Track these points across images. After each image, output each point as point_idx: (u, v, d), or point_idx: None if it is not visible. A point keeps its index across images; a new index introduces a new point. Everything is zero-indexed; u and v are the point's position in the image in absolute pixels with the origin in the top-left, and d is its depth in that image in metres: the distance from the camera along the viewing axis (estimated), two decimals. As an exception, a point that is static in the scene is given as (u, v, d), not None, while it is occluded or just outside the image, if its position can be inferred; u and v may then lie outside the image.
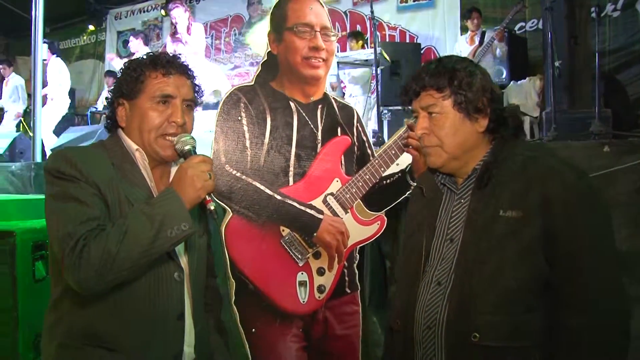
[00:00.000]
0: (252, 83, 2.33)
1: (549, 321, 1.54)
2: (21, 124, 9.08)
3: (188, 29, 6.11)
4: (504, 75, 7.20)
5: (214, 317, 1.98)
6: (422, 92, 1.68)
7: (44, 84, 7.68)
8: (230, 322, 2.18)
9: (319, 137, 2.35)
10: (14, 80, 9.30)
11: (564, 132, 4.35)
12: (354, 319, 2.40)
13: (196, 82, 1.89)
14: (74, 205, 1.58)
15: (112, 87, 1.83)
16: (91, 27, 9.56)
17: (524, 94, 7.08)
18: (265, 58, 2.37)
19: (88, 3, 10.81)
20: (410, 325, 1.68)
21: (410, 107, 1.77)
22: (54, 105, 8.36)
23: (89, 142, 5.90)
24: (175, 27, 6.18)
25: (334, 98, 2.45)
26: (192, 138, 1.75)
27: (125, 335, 1.64)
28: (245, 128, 2.25)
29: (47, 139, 7.63)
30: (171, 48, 6.08)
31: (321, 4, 2.38)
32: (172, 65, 1.78)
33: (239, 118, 2.25)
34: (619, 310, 1.53)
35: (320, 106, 2.39)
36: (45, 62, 8.29)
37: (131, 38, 7.57)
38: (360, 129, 2.47)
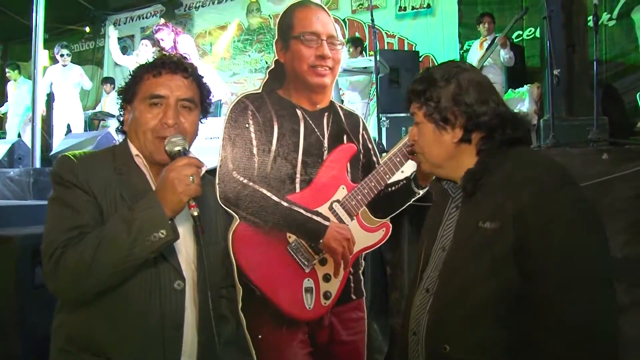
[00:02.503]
0: (260, 91, 2.34)
1: (521, 337, 1.45)
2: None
3: (173, 49, 6.17)
4: (502, 85, 7.23)
5: (229, 330, 1.95)
6: (411, 101, 1.71)
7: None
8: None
9: (325, 145, 2.37)
10: (27, 86, 9.35)
11: (561, 139, 4.38)
12: (360, 325, 2.40)
13: (198, 81, 1.85)
14: (65, 211, 1.60)
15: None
16: (87, 29, 9.61)
17: (522, 102, 7.12)
18: (273, 66, 2.38)
19: (87, 9, 10.86)
20: (405, 329, 1.70)
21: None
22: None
23: (89, 148, 5.91)
24: (161, 48, 6.24)
25: (339, 106, 2.47)
26: (183, 139, 1.71)
27: (120, 344, 1.62)
28: (253, 135, 2.26)
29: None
30: None
31: (327, 12, 2.41)
32: (164, 65, 1.77)
33: (247, 125, 2.26)
34: (595, 331, 1.38)
35: (326, 114, 2.41)
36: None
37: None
38: (365, 136, 2.49)
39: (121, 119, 1.89)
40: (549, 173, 1.52)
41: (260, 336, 2.21)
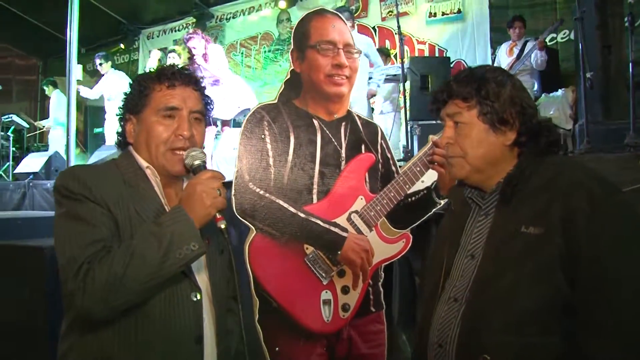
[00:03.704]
0: (276, 101, 2.33)
1: (569, 348, 1.41)
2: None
3: (205, 56, 6.21)
4: (535, 88, 7.07)
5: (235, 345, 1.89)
6: (449, 101, 1.64)
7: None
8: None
9: (343, 155, 2.33)
10: (55, 97, 9.59)
11: (597, 144, 4.24)
12: (379, 338, 2.36)
13: (205, 93, 1.83)
14: (80, 226, 1.53)
15: (122, 103, 1.79)
16: (122, 46, 9.84)
17: (557, 107, 6.95)
18: (289, 76, 2.37)
19: (122, 24, 11.11)
20: (425, 342, 1.63)
21: (438, 119, 1.73)
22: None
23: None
24: (192, 55, 6.29)
25: (357, 115, 2.44)
26: (202, 152, 1.70)
27: None
28: (269, 146, 2.25)
29: None
30: None
31: (344, 21, 2.38)
32: (176, 76, 1.73)
33: (263, 136, 2.24)
34: None
35: (343, 123, 2.38)
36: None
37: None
38: (384, 145, 2.45)
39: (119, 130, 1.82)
40: (595, 178, 1.49)
41: (277, 349, 2.18)
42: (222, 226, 1.62)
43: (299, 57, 2.37)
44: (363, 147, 2.39)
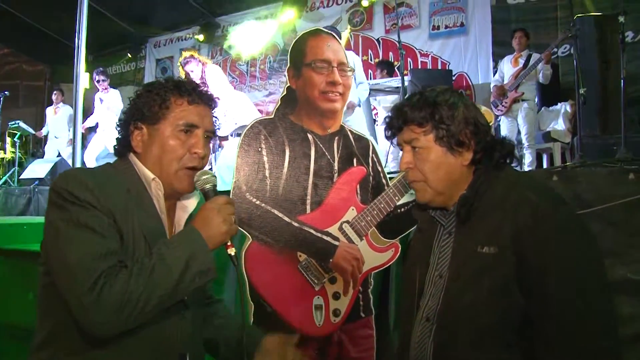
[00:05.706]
0: (272, 116, 2.45)
1: (531, 357, 1.48)
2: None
3: (202, 79, 6.28)
4: (535, 101, 7.17)
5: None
6: (404, 127, 1.68)
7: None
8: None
9: (336, 167, 2.44)
10: (65, 109, 9.72)
11: (592, 158, 4.32)
12: (368, 342, 2.45)
13: (215, 114, 1.82)
14: (89, 235, 1.45)
15: (129, 109, 1.72)
16: (129, 55, 9.98)
17: (556, 120, 7.04)
18: (285, 92, 2.48)
19: (129, 32, 11.28)
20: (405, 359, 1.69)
21: (395, 144, 1.76)
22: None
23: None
24: (190, 78, 6.44)
25: (349, 130, 2.55)
26: (213, 175, 1.68)
27: None
28: (265, 159, 2.36)
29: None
30: None
31: (338, 40, 2.50)
32: (197, 93, 1.71)
33: (259, 149, 2.36)
34: (600, 343, 1.42)
35: (336, 138, 2.49)
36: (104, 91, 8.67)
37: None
38: (375, 159, 2.55)
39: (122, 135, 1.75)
40: (541, 194, 1.55)
41: (271, 351, 2.28)
42: (232, 253, 1.62)
43: (295, 74, 2.48)
44: (355, 160, 2.50)
